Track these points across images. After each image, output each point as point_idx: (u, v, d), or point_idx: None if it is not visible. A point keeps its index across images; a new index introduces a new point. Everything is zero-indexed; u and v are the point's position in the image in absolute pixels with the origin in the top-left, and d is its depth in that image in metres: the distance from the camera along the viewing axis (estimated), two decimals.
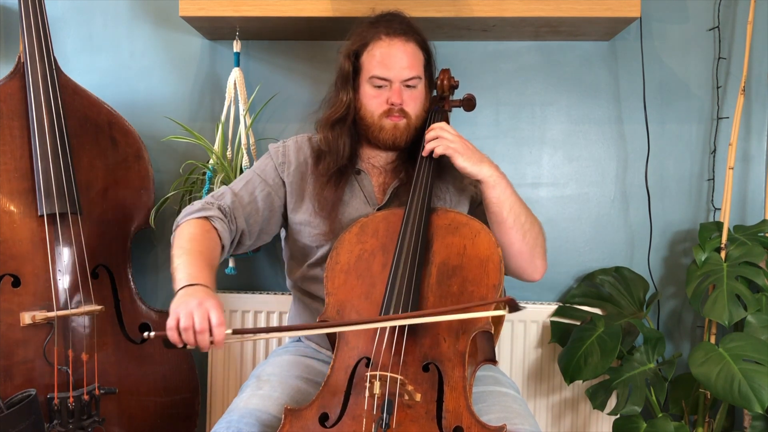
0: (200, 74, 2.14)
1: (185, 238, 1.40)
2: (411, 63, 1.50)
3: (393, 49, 1.50)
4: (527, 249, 1.48)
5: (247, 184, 1.57)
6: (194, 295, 1.24)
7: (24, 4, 1.79)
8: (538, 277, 1.53)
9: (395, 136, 1.53)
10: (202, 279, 1.30)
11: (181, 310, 1.21)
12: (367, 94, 1.52)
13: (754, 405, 1.57)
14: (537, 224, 1.51)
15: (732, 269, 1.81)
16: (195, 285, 1.28)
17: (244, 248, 1.58)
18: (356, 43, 1.54)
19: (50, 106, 1.77)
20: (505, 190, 1.46)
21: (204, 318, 1.20)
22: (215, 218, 1.46)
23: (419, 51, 1.53)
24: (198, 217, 1.45)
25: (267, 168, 1.60)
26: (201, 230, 1.43)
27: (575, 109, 2.07)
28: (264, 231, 1.59)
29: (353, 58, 1.54)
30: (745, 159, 2.02)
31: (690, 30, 2.03)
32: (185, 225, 1.44)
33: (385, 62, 1.49)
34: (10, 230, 1.72)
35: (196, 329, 1.20)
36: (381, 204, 1.57)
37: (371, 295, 1.36)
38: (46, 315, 1.71)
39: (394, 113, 1.51)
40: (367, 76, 1.51)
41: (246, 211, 1.53)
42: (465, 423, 1.19)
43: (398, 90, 1.50)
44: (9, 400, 1.54)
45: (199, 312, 1.20)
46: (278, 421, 1.28)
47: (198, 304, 1.21)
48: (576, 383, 1.92)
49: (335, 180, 1.55)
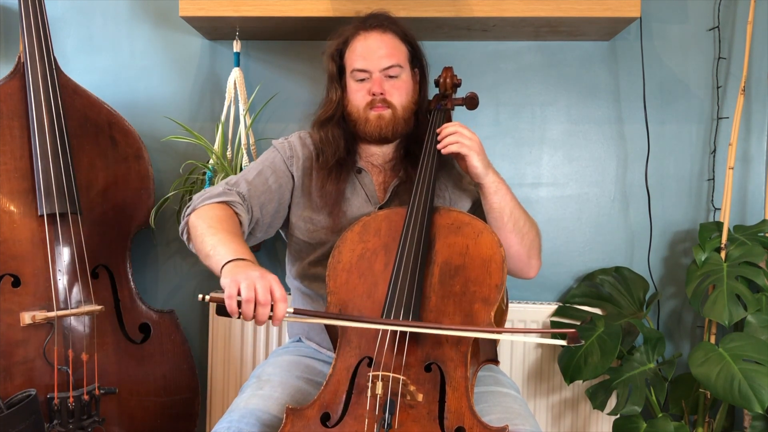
0: (200, 74, 2.13)
1: (213, 219, 1.36)
2: (389, 52, 1.53)
3: (369, 40, 1.53)
4: (525, 251, 1.51)
5: (260, 174, 1.55)
6: (251, 267, 1.19)
7: (24, 4, 1.79)
8: (533, 275, 1.57)
9: (380, 127, 1.53)
10: (248, 255, 1.25)
11: (241, 279, 1.16)
12: (352, 89, 1.55)
13: (754, 405, 1.57)
14: (534, 227, 1.54)
15: (732, 269, 1.82)
16: (244, 260, 1.23)
17: (253, 240, 1.56)
18: (338, 44, 1.57)
19: (50, 106, 1.77)
20: (505, 196, 1.48)
21: (267, 290, 1.16)
22: (236, 203, 1.44)
23: (398, 41, 1.55)
24: (218, 202, 1.43)
25: (276, 160, 1.59)
26: (225, 214, 1.40)
27: (575, 109, 2.07)
28: (272, 224, 1.58)
29: (337, 57, 1.57)
30: (745, 159, 2.02)
31: (690, 30, 2.03)
32: (206, 208, 1.41)
33: (363, 54, 1.52)
34: (10, 230, 1.71)
35: (259, 301, 1.15)
36: (382, 203, 1.57)
37: (373, 294, 1.36)
38: (46, 315, 1.71)
39: (377, 104, 1.52)
40: (350, 71, 1.54)
41: (261, 200, 1.52)
42: (467, 423, 1.19)
43: (378, 79, 1.52)
44: (9, 400, 1.54)
45: (263, 284, 1.16)
46: (279, 421, 1.28)
47: (260, 276, 1.17)
48: (576, 383, 1.92)
49: (336, 173, 1.55)
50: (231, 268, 1.21)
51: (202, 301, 1.18)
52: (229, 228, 1.35)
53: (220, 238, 1.30)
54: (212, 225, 1.34)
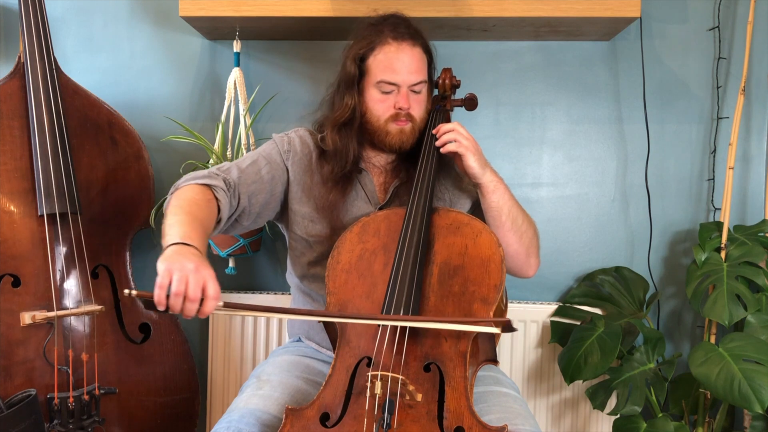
0: (200, 74, 2.14)
1: (185, 200, 1.33)
2: (418, 67, 1.51)
3: (401, 53, 1.49)
4: (523, 249, 1.52)
5: (254, 164, 1.54)
6: (189, 258, 1.14)
7: (24, 4, 1.79)
8: (531, 274, 1.57)
9: (402, 141, 1.53)
10: (197, 242, 1.20)
11: (175, 269, 1.11)
12: (374, 98, 1.52)
13: (754, 405, 1.57)
14: (533, 225, 1.55)
15: (732, 269, 1.81)
16: (189, 246, 1.18)
17: (239, 228, 1.54)
18: (362, 47, 1.52)
19: (50, 106, 1.77)
20: (504, 195, 1.48)
21: (198, 286, 1.12)
22: (218, 188, 1.41)
23: (424, 55, 1.54)
24: (201, 184, 1.40)
25: (272, 152, 1.58)
26: (203, 197, 1.37)
27: (575, 109, 2.07)
28: (261, 214, 1.55)
29: (359, 61, 1.52)
30: (745, 159, 2.02)
31: (690, 30, 2.03)
32: (187, 188, 1.38)
33: (394, 67, 1.49)
34: (10, 230, 1.71)
35: (189, 296, 1.11)
36: (382, 203, 1.57)
37: (372, 294, 1.36)
38: (46, 315, 1.71)
39: (401, 118, 1.51)
40: (374, 81, 1.50)
41: (250, 189, 1.50)
42: (466, 423, 1.19)
43: (406, 95, 1.50)
44: (9, 400, 1.54)
45: (195, 278, 1.12)
46: (278, 421, 1.28)
47: (195, 269, 1.12)
48: (576, 383, 1.93)
49: (342, 185, 1.55)
50: (170, 254, 1.16)
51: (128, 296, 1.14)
52: (196, 212, 1.31)
53: (178, 219, 1.26)
54: (180, 205, 1.31)
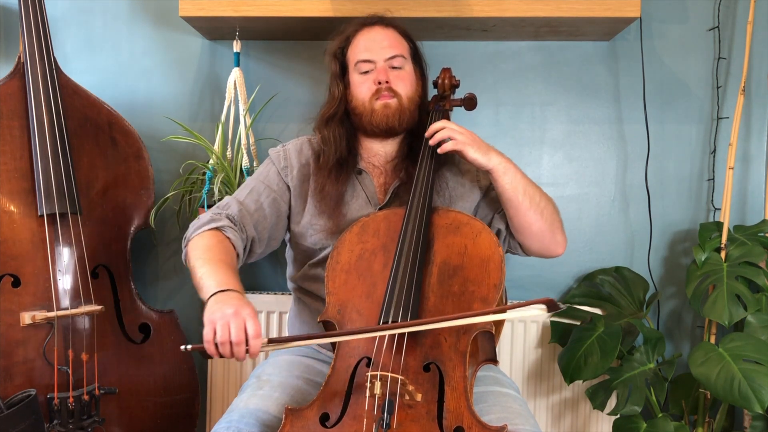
0: (200, 74, 2.14)
1: (202, 249, 1.39)
2: (392, 43, 1.55)
3: (373, 33, 1.56)
4: (547, 226, 1.50)
5: (252, 192, 1.56)
6: (229, 303, 1.23)
7: (24, 4, 1.79)
8: (561, 251, 1.55)
9: (387, 116, 1.53)
10: (232, 284, 1.29)
11: (217, 320, 1.20)
12: (356, 83, 1.56)
13: (754, 405, 1.57)
14: (551, 201, 1.53)
15: (732, 269, 1.81)
16: (226, 291, 1.27)
17: (255, 256, 1.57)
18: (341, 42, 1.59)
19: (50, 106, 1.77)
20: (516, 175, 1.47)
21: (240, 329, 1.19)
22: (226, 228, 1.46)
23: (400, 36, 1.58)
24: (209, 229, 1.45)
25: (270, 174, 1.60)
26: (215, 240, 1.42)
27: (575, 109, 2.07)
28: (273, 237, 1.59)
29: (339, 55, 1.59)
30: (745, 159, 2.02)
31: (690, 30, 2.03)
32: (197, 238, 1.43)
33: (367, 46, 1.55)
34: (10, 230, 1.71)
35: (233, 341, 1.19)
36: (382, 204, 1.57)
37: (372, 294, 1.36)
38: (46, 315, 1.71)
39: (383, 92, 1.52)
40: (353, 65, 1.55)
41: (254, 218, 1.53)
42: (466, 423, 1.19)
43: (384, 69, 1.53)
44: (9, 400, 1.54)
45: (236, 322, 1.19)
46: (278, 421, 1.28)
47: (234, 314, 1.20)
48: (576, 383, 1.92)
49: (336, 173, 1.55)
50: (211, 305, 1.25)
51: (185, 351, 1.23)
52: (218, 256, 1.37)
53: (207, 269, 1.33)
54: (200, 256, 1.37)
